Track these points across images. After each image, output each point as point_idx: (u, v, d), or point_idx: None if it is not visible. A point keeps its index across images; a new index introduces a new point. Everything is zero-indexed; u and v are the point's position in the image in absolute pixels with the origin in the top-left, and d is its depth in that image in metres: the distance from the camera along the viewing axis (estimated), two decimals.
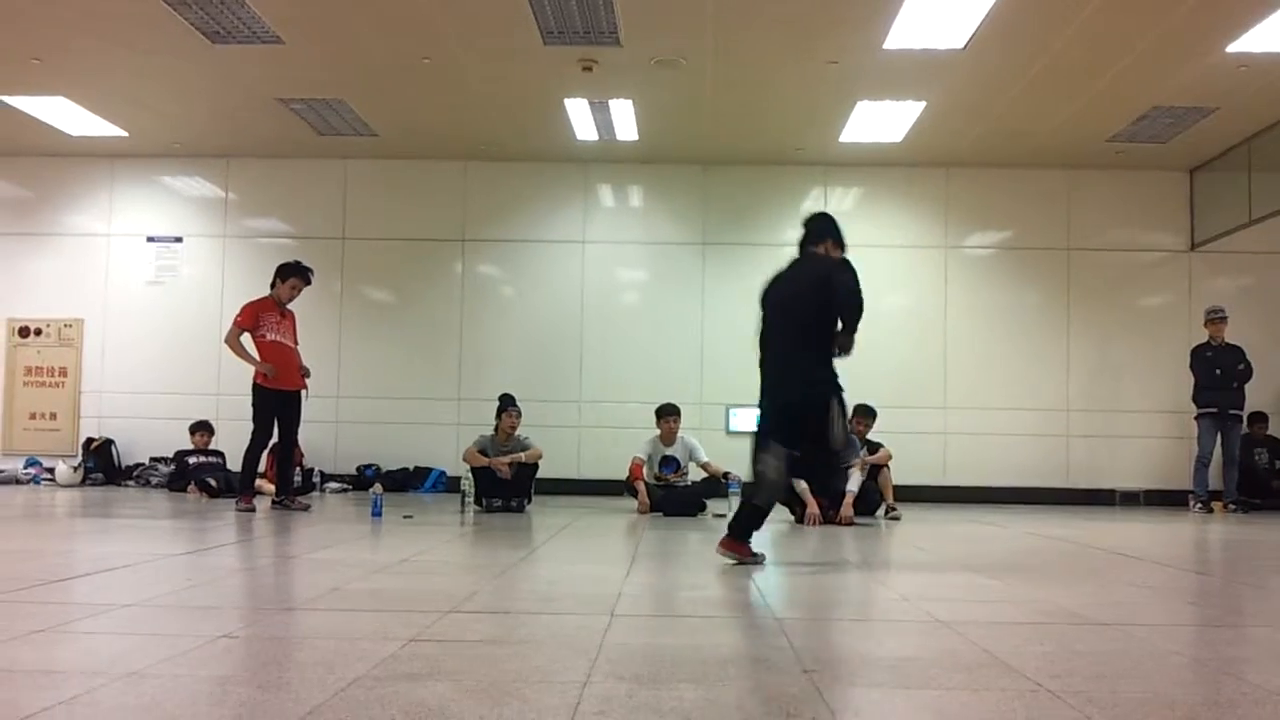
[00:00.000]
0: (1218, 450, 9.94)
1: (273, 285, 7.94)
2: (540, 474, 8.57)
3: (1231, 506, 9.75)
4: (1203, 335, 10.21)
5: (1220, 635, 3.16)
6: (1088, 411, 11.03)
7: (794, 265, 5.39)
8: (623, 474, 8.79)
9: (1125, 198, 11.17)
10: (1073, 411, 11.05)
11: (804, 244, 5.41)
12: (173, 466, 10.23)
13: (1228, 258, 10.83)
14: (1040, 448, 10.97)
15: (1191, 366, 10.12)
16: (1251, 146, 10.00)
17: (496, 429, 8.42)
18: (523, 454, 8.24)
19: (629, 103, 9.40)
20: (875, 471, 8.36)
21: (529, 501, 8.37)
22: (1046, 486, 10.80)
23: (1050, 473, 10.91)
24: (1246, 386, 9.96)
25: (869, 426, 8.77)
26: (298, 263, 8.05)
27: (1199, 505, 9.78)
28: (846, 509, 7.56)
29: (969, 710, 2.22)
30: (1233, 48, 7.93)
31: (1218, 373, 9.87)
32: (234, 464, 8.93)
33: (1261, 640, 3.13)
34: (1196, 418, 10.04)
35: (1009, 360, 11.09)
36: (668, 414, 8.81)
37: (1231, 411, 9.92)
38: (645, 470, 8.67)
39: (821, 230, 5.39)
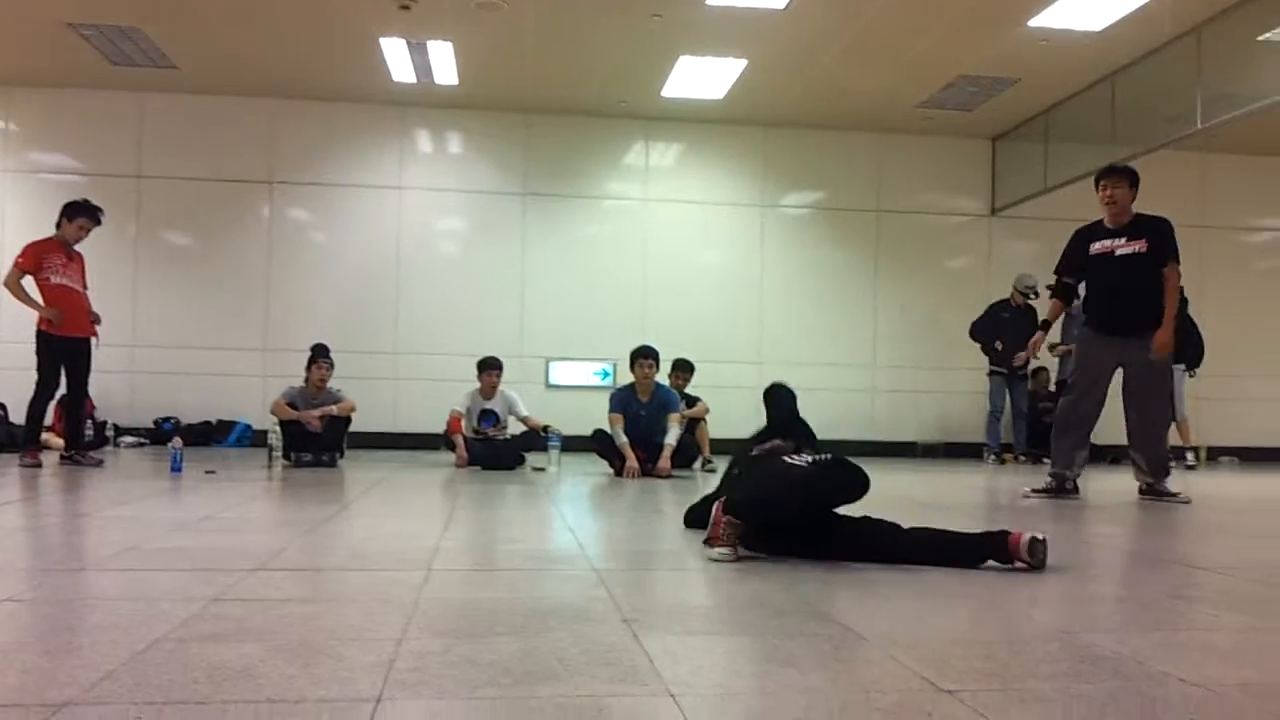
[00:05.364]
0: (1009, 405, 10.58)
1: (58, 225, 7.42)
2: (354, 427, 8.33)
3: (1022, 457, 10.39)
4: (1000, 295, 10.78)
5: (1017, 579, 3.33)
6: (893, 367, 11.53)
7: None
8: (440, 427, 8.65)
9: (932, 162, 11.65)
10: (879, 368, 11.52)
11: None
12: None
13: (1024, 223, 11.44)
14: (848, 401, 11.40)
15: (981, 320, 10.59)
16: (1049, 118, 10.58)
17: (307, 381, 8.14)
18: (334, 407, 8.00)
19: (449, 45, 9.15)
20: (693, 425, 8.49)
21: (341, 456, 8.13)
22: (853, 439, 11.19)
23: (857, 425, 11.34)
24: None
25: (687, 380, 8.91)
26: (86, 201, 7.55)
27: (992, 457, 10.39)
28: (664, 461, 7.66)
29: (780, 651, 2.27)
30: (1034, 22, 8.33)
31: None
32: (17, 416, 8.37)
33: (1052, 584, 3.32)
34: (988, 374, 10.62)
35: (820, 317, 11.45)
36: (489, 368, 8.70)
37: (1019, 370, 10.53)
38: (464, 424, 8.55)
39: None
